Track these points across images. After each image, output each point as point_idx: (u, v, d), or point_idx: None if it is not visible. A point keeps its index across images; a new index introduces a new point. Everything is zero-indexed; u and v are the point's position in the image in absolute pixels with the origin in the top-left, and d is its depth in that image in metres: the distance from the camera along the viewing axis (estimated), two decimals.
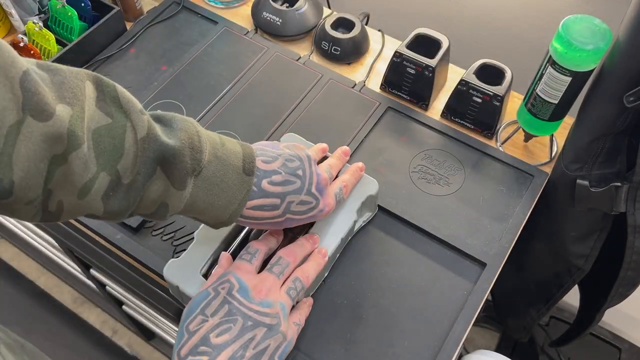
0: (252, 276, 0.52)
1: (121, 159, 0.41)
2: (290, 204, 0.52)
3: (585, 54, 0.61)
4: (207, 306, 0.50)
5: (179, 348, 0.48)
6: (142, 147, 0.42)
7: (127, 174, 0.42)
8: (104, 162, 0.40)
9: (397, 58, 0.78)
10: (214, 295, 0.50)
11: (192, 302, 0.51)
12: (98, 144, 0.40)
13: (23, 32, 0.83)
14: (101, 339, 1.53)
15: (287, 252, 0.56)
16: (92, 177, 0.40)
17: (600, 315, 0.83)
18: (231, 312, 0.49)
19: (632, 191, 0.63)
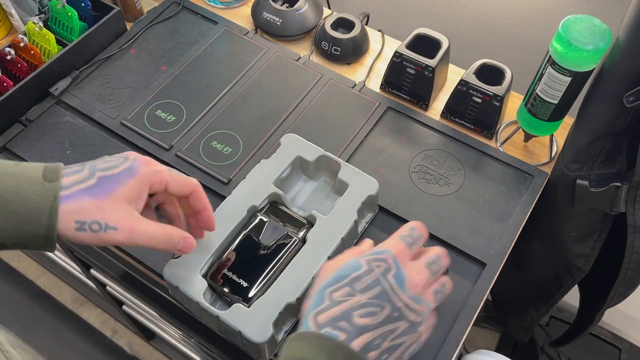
0: (409, 264, 0.48)
1: None
2: (94, 164, 0.49)
3: (585, 54, 0.61)
4: (357, 280, 0.46)
5: (317, 312, 0.45)
6: None
7: None
8: None
9: (397, 58, 0.78)
10: (367, 270, 0.47)
11: (341, 268, 0.47)
12: None
13: (23, 32, 0.83)
14: (101, 339, 1.53)
15: (444, 252, 0.51)
16: None
17: (600, 315, 0.83)
18: (381, 296, 0.45)
19: (632, 191, 0.63)
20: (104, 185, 0.47)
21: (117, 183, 0.47)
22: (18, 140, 0.76)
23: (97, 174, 0.47)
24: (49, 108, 0.79)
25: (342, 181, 0.65)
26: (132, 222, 0.47)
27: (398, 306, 0.46)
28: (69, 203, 0.46)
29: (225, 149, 0.75)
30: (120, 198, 0.47)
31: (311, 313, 0.45)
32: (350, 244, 0.66)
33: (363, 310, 0.45)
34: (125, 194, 0.47)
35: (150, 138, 0.76)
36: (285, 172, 0.66)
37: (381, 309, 0.45)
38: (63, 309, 1.57)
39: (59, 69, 0.80)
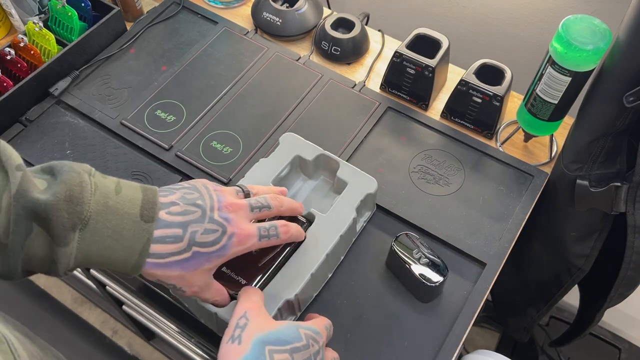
0: (326, 351, 0.53)
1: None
2: (194, 233, 0.48)
3: (585, 54, 0.61)
4: (297, 351, 0.48)
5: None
6: (14, 204, 0.41)
7: (3, 232, 0.41)
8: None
9: (397, 58, 0.78)
10: (305, 344, 0.49)
11: (280, 331, 0.48)
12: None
13: (23, 32, 0.83)
14: (101, 339, 1.53)
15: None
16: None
17: (600, 315, 0.83)
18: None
19: (632, 191, 0.63)
20: (196, 261, 0.48)
21: (207, 261, 0.49)
22: (18, 140, 0.76)
23: (194, 248, 0.48)
24: (49, 108, 0.79)
25: (341, 180, 0.65)
26: (199, 290, 0.51)
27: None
28: (158, 270, 0.47)
29: (225, 149, 0.75)
30: (204, 272, 0.50)
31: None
32: (349, 242, 0.66)
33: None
34: (210, 269, 0.50)
35: (150, 138, 0.76)
36: (284, 171, 0.66)
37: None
38: (63, 309, 1.57)
39: (59, 69, 0.80)
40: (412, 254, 0.63)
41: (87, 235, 0.44)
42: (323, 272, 0.63)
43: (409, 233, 0.65)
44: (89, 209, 0.44)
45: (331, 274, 0.65)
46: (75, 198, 0.43)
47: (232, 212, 0.50)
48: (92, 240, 0.44)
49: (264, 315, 0.50)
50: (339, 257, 0.66)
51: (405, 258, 0.63)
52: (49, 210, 0.42)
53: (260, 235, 0.51)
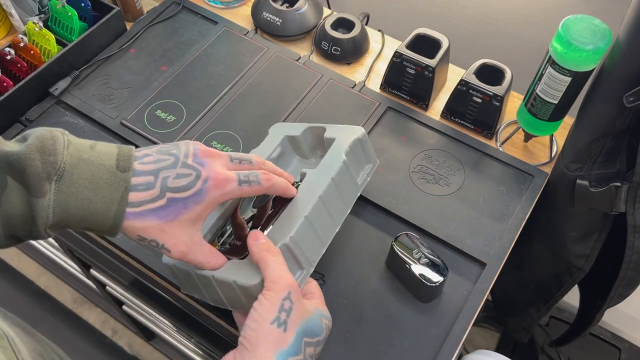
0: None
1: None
2: (165, 179, 0.47)
3: (585, 54, 0.61)
4: (319, 344, 0.49)
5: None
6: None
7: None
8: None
9: (397, 58, 0.78)
10: (325, 337, 0.50)
11: (313, 321, 0.49)
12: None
13: (23, 32, 0.83)
14: (101, 339, 1.53)
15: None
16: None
17: (600, 315, 0.83)
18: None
19: (632, 191, 0.63)
20: (172, 208, 0.47)
21: (184, 208, 0.47)
22: None
23: (168, 194, 0.46)
24: (49, 108, 0.79)
25: (330, 139, 0.63)
26: (186, 249, 0.48)
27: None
28: (136, 221, 0.46)
29: (225, 149, 0.75)
30: (183, 222, 0.47)
31: (290, 358, 0.46)
32: (349, 191, 0.62)
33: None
34: (190, 218, 0.48)
35: (150, 138, 0.76)
36: (275, 152, 0.65)
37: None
38: (63, 309, 1.57)
39: (59, 69, 0.80)
40: (412, 254, 0.63)
41: (63, 187, 0.44)
42: (323, 221, 0.58)
43: (409, 233, 0.65)
44: (62, 160, 0.44)
45: (338, 229, 0.60)
46: (47, 149, 0.44)
47: (208, 157, 0.49)
48: (69, 192, 0.44)
49: (300, 296, 0.49)
50: (340, 207, 0.61)
51: (405, 258, 0.63)
52: (22, 160, 0.42)
53: (240, 180, 0.49)
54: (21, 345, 0.35)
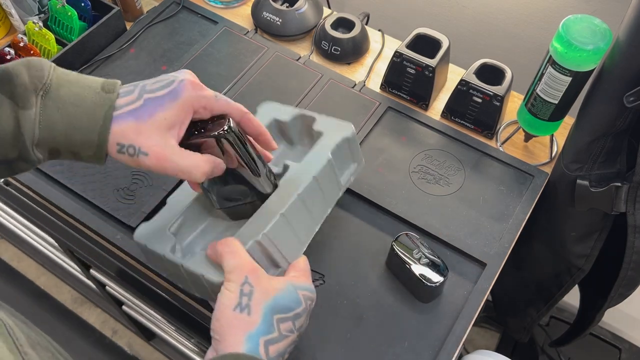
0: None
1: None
2: (144, 86, 0.48)
3: (586, 54, 0.61)
4: (298, 317, 0.49)
5: (269, 341, 0.46)
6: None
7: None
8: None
9: (397, 58, 0.78)
10: (304, 308, 0.49)
11: (284, 296, 0.48)
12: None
13: (23, 32, 0.83)
14: (101, 339, 1.53)
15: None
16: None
17: (600, 315, 0.83)
18: (301, 334, 0.50)
19: (632, 191, 0.63)
20: (147, 108, 0.47)
21: (159, 106, 0.47)
22: None
23: (145, 95, 0.47)
24: None
25: (319, 132, 0.62)
26: (163, 151, 0.47)
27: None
28: (115, 124, 0.46)
29: None
30: (159, 123, 0.47)
31: (262, 338, 0.45)
32: (331, 191, 0.60)
33: (292, 347, 0.48)
34: (166, 118, 0.47)
35: None
36: None
37: (295, 345, 0.50)
38: (63, 309, 1.57)
39: None
40: (412, 254, 0.63)
41: (49, 102, 0.45)
42: (301, 219, 0.56)
43: (409, 233, 0.65)
44: (49, 76, 0.45)
45: (318, 228, 0.59)
46: (34, 66, 0.45)
47: (188, 73, 0.51)
48: (55, 107, 0.45)
49: (263, 276, 0.49)
50: (321, 207, 0.59)
51: (405, 258, 0.63)
52: (10, 71, 0.44)
53: (217, 95, 0.51)
54: (19, 334, 0.35)
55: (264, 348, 0.45)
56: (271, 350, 0.45)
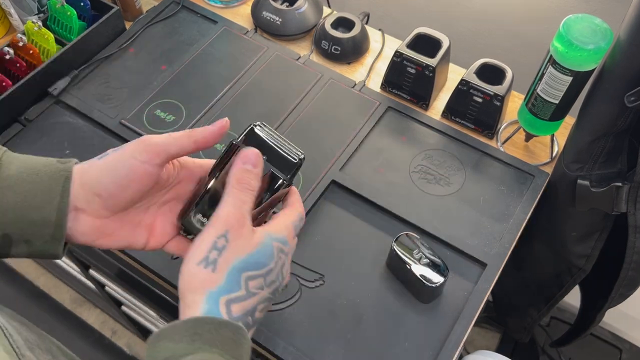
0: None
1: None
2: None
3: (586, 53, 0.61)
4: (269, 273, 0.44)
5: (231, 300, 0.41)
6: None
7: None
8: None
9: (397, 58, 0.78)
10: (276, 262, 0.45)
11: (260, 252, 0.44)
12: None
13: (22, 32, 0.83)
14: (100, 339, 1.52)
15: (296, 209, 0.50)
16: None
17: (601, 315, 0.83)
18: (275, 290, 0.45)
19: (633, 191, 0.63)
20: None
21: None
22: (17, 140, 0.76)
23: None
24: (48, 108, 0.79)
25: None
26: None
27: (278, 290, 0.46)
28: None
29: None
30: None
31: (223, 297, 0.41)
32: None
33: (263, 305, 0.44)
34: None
35: None
36: None
37: (271, 301, 0.45)
38: (62, 309, 1.57)
39: (58, 68, 0.80)
40: (412, 255, 0.63)
41: (1, 182, 0.42)
42: None
43: (409, 233, 0.64)
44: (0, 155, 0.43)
45: None
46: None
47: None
48: (6, 186, 0.42)
49: (246, 231, 0.44)
50: None
51: (406, 258, 0.62)
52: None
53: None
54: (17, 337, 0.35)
55: (225, 307, 0.41)
56: (234, 309, 0.41)
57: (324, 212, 0.71)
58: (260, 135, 0.49)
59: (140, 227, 0.49)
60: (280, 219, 0.47)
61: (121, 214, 0.47)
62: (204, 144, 0.47)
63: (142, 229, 0.49)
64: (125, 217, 0.48)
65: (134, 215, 0.49)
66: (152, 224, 0.49)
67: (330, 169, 0.73)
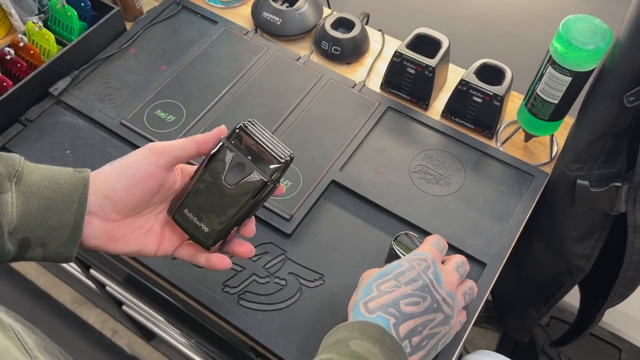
0: (442, 266, 0.55)
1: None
2: None
3: (586, 54, 0.61)
4: (401, 274, 0.52)
5: (367, 300, 0.51)
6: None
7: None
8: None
9: (397, 58, 0.78)
10: (409, 266, 0.52)
11: (385, 268, 0.53)
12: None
13: (23, 32, 0.83)
14: (101, 339, 1.53)
15: (465, 259, 0.58)
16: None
17: (600, 315, 0.83)
18: (423, 289, 0.51)
19: (632, 191, 0.63)
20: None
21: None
22: (17, 140, 0.76)
23: None
24: (49, 108, 0.79)
25: None
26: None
27: (437, 298, 0.51)
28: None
29: None
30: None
31: (361, 302, 0.51)
32: None
33: (408, 300, 0.50)
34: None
35: (150, 138, 0.76)
36: None
37: (423, 300, 0.51)
38: (63, 309, 1.57)
39: (59, 68, 0.80)
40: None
41: (24, 187, 0.46)
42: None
43: (408, 233, 0.64)
44: (20, 165, 0.47)
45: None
46: (5, 157, 0.47)
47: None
48: (30, 192, 0.46)
49: (372, 270, 0.55)
50: None
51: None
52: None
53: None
54: (27, 338, 0.36)
55: (364, 307, 0.50)
56: (371, 306, 0.50)
57: (324, 212, 0.71)
58: (249, 133, 0.50)
59: (151, 233, 0.52)
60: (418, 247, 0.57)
61: (131, 219, 0.51)
62: (204, 147, 0.51)
63: (153, 235, 0.52)
64: (135, 222, 0.51)
65: (144, 221, 0.52)
66: (161, 231, 0.53)
67: (330, 169, 0.73)
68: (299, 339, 0.61)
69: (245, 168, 0.49)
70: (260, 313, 0.63)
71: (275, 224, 0.69)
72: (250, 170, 0.49)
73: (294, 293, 0.65)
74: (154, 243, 0.52)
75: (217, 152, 0.50)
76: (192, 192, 0.50)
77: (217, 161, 0.50)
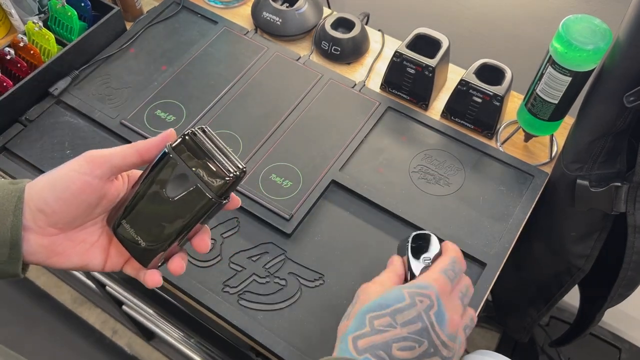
0: (448, 300, 0.49)
1: None
2: None
3: (586, 54, 0.61)
4: (399, 312, 0.47)
5: (357, 336, 0.46)
6: None
7: None
8: None
9: (397, 58, 0.78)
10: (410, 303, 0.47)
11: (383, 296, 0.48)
12: None
13: (23, 32, 0.83)
14: (101, 339, 1.53)
15: (470, 282, 0.53)
16: None
17: (600, 315, 0.83)
18: (421, 333, 0.46)
19: (632, 191, 0.63)
20: None
21: None
22: (17, 140, 0.76)
23: None
24: (49, 108, 0.79)
25: None
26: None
27: (435, 343, 0.46)
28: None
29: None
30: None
31: (350, 335, 0.46)
32: None
33: (402, 344, 0.45)
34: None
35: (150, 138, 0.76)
36: None
37: (419, 345, 0.46)
38: (63, 309, 1.57)
39: (59, 68, 0.80)
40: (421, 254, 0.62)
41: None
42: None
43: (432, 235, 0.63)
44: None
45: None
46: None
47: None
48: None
49: (377, 286, 0.51)
50: None
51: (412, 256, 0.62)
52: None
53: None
54: None
55: (352, 344, 0.46)
56: (360, 344, 0.46)
57: (324, 212, 0.71)
58: (197, 142, 0.44)
59: (96, 247, 0.48)
60: (426, 272, 0.51)
61: (71, 233, 0.46)
62: (147, 155, 0.45)
63: (98, 249, 0.48)
64: (77, 236, 0.47)
65: (88, 234, 0.47)
66: (108, 244, 0.48)
67: (330, 169, 0.73)
68: (299, 339, 0.61)
69: (189, 180, 0.43)
70: (260, 313, 0.63)
71: (275, 224, 0.69)
72: (193, 183, 0.44)
73: (294, 293, 0.65)
74: (100, 257, 0.48)
75: (159, 160, 0.45)
76: (131, 203, 0.46)
77: (159, 171, 0.45)
